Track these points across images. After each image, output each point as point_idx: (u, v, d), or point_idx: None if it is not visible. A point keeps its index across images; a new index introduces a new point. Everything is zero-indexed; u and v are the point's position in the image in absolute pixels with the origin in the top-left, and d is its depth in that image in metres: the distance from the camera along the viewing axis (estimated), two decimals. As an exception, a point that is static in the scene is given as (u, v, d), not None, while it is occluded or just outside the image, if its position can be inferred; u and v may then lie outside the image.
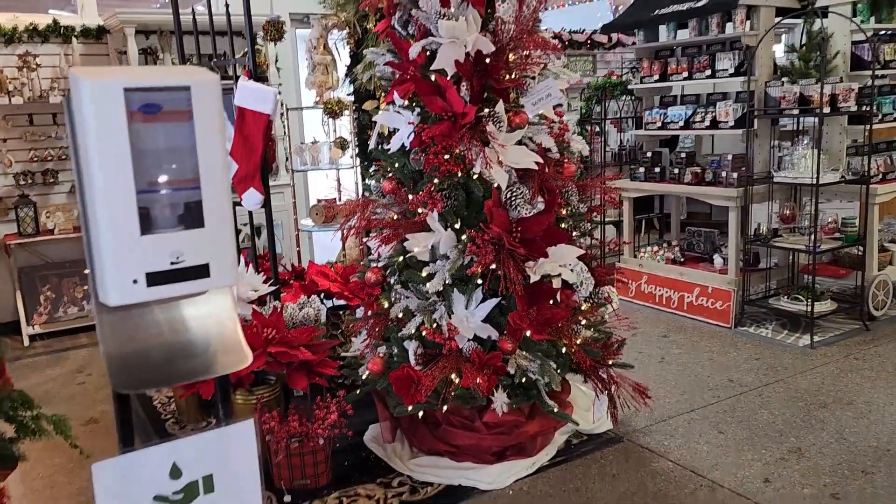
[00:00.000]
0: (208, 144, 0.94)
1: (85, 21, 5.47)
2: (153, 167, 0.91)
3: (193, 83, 0.93)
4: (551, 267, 2.87)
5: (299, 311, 3.49)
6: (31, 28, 5.23)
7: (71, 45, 5.34)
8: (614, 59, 8.15)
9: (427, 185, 2.92)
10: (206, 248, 0.96)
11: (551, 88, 2.95)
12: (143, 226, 0.91)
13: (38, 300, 5.38)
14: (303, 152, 4.29)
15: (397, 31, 3.04)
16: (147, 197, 0.91)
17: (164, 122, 0.91)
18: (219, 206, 0.96)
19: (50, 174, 5.38)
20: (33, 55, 5.17)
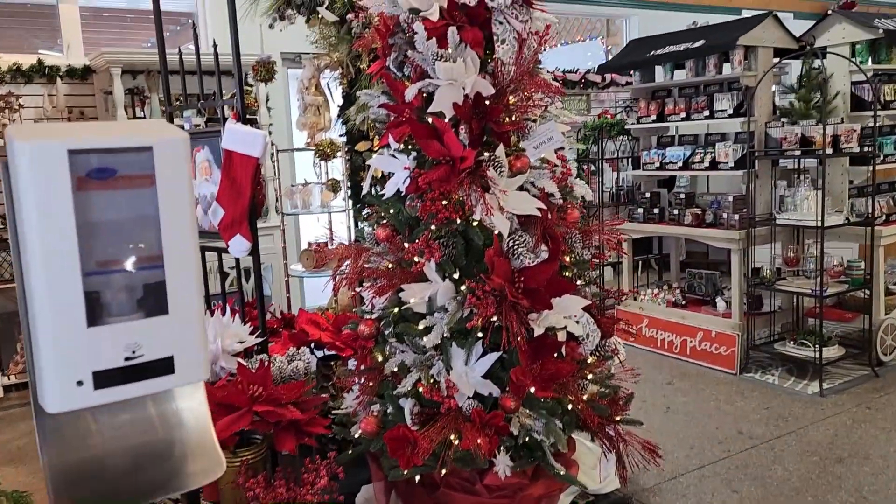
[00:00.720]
0: (174, 214, 0.78)
1: (71, 61, 5.36)
2: (105, 243, 0.75)
3: (157, 143, 0.77)
4: (556, 319, 2.70)
5: (288, 365, 3.30)
6: (15, 68, 5.10)
7: (55, 85, 5.21)
8: (608, 99, 8.11)
9: (424, 232, 2.76)
10: (170, 339, 0.79)
11: (553, 131, 2.82)
12: (90, 315, 0.74)
13: (14, 348, 5.16)
14: (293, 195, 4.14)
15: (392, 73, 2.91)
16: (97, 279, 0.75)
17: (120, 188, 0.75)
18: (186, 287, 0.80)
19: (31, 217, 5.20)
20: (16, 96, 5.03)
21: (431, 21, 2.73)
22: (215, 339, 3.25)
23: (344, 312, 3.93)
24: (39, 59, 5.19)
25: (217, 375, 3.31)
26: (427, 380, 2.70)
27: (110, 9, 5.98)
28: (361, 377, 2.95)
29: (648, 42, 5.64)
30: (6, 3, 5.44)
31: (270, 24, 3.89)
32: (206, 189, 3.51)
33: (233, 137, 3.24)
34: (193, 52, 3.57)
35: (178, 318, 0.80)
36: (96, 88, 5.38)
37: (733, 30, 4.89)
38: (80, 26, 5.55)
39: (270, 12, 3.87)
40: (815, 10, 9.74)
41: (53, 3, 5.44)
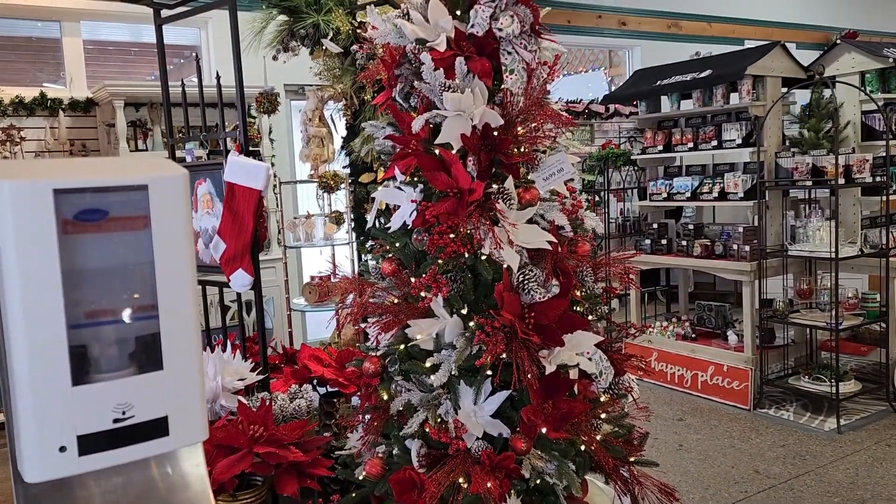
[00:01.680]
0: (171, 259, 0.70)
1: (74, 94, 5.34)
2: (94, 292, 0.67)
3: (153, 180, 0.69)
4: (568, 356, 2.61)
5: (290, 403, 3.20)
6: (17, 101, 5.08)
7: (58, 118, 5.18)
8: (612, 129, 8.09)
9: (431, 267, 2.68)
10: (165, 397, 0.71)
11: (563, 163, 2.75)
12: (76, 372, 0.66)
13: (11, 384, 5.06)
14: (296, 227, 4.07)
15: (398, 104, 2.86)
16: (84, 333, 0.66)
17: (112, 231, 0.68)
18: (183, 339, 0.71)
19: (30, 250, 5.13)
20: (17, 128, 5.00)
21: (439, 52, 2.68)
22: (215, 376, 3.15)
23: (347, 347, 3.84)
24: (42, 91, 5.17)
25: (217, 414, 3.21)
26: (434, 420, 2.60)
27: (114, 42, 5.98)
28: (366, 416, 2.85)
29: (654, 72, 5.62)
30: (11, 37, 5.44)
31: (274, 56, 3.86)
32: (208, 222, 3.45)
33: (235, 170, 3.19)
34: (196, 84, 3.54)
35: (173, 374, 0.71)
36: (99, 121, 5.35)
37: (741, 59, 4.87)
38: (84, 59, 5.54)
39: (274, 44, 3.84)
40: (818, 40, 9.78)
41: (57, 36, 5.44)
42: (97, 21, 5.60)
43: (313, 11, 3.84)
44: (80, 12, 5.41)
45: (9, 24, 5.41)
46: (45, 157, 5.14)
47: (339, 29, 3.93)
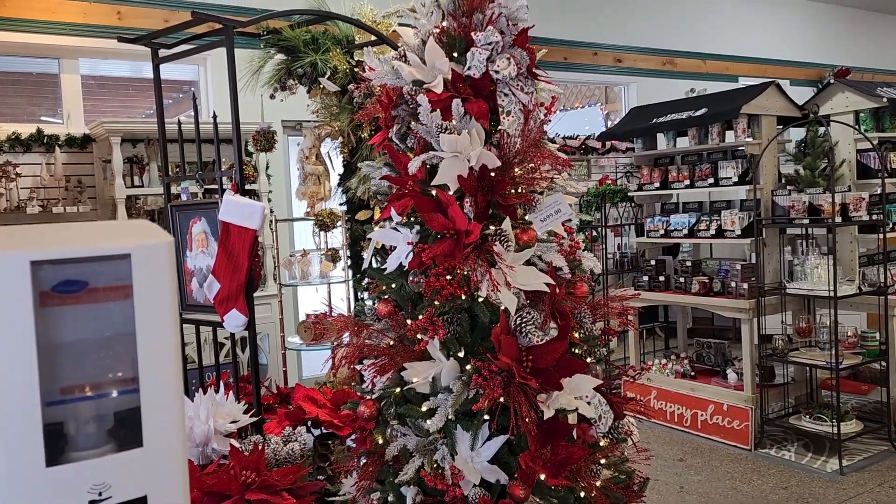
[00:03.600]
0: (153, 330, 0.67)
1: (71, 130, 5.34)
2: (71, 366, 0.63)
3: (135, 249, 0.66)
4: (567, 400, 2.56)
5: (283, 446, 3.14)
6: (14, 137, 5.07)
7: (54, 154, 5.17)
8: (608, 164, 8.12)
9: (427, 309, 2.65)
10: (145, 476, 0.67)
11: (560, 203, 2.74)
12: (50, 452, 0.62)
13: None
14: (292, 265, 4.04)
15: (395, 144, 2.86)
16: (60, 410, 0.63)
17: (91, 302, 0.65)
18: (164, 414, 0.68)
19: (23, 287, 5.08)
20: (13, 165, 4.99)
21: (435, 93, 2.69)
22: (207, 419, 3.10)
23: (342, 388, 3.78)
24: (39, 128, 5.17)
25: (209, 458, 3.14)
26: (430, 466, 2.54)
27: (113, 78, 6.00)
28: (361, 461, 2.79)
29: (650, 110, 5.65)
30: (9, 73, 5.46)
31: (272, 94, 3.87)
32: (203, 261, 3.42)
33: (230, 209, 3.17)
34: (202, 122, 3.53)
35: (154, 451, 0.68)
36: (95, 157, 5.35)
37: (736, 98, 4.90)
38: (82, 95, 5.56)
39: (272, 83, 3.85)
40: (811, 76, 9.88)
41: (56, 72, 5.46)
42: (96, 59, 5.62)
43: (311, 50, 3.86)
44: (79, 49, 5.44)
45: (7, 61, 5.43)
46: (40, 192, 5.12)
47: (336, 68, 3.95)
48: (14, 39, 5.15)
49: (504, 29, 2.75)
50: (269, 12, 3.45)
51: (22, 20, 5.13)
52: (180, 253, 3.54)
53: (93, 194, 5.35)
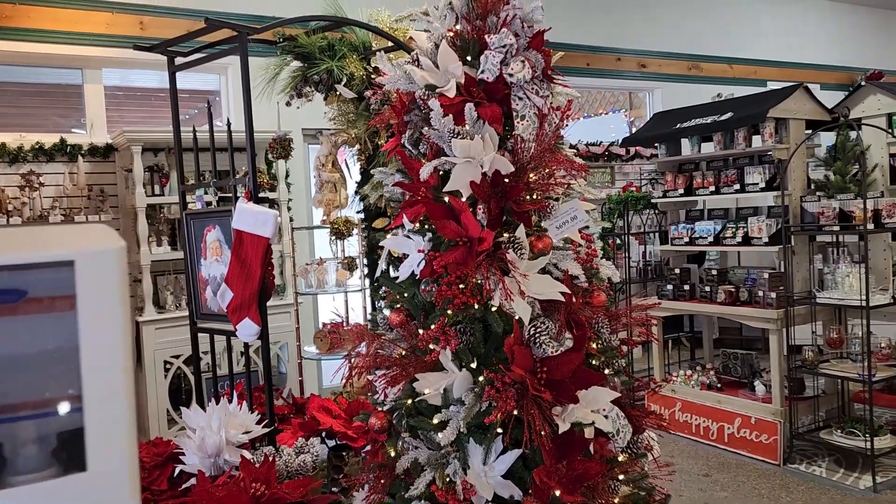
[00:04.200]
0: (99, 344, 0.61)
1: (94, 139, 5.38)
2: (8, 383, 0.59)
3: (80, 255, 0.61)
4: (583, 414, 2.48)
5: (296, 458, 3.09)
6: (37, 147, 5.12)
7: (77, 163, 5.21)
8: (632, 171, 8.00)
9: (440, 318, 2.58)
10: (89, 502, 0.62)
11: (577, 210, 2.66)
12: (-17, 476, 0.58)
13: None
14: (308, 273, 4.00)
15: (408, 150, 2.81)
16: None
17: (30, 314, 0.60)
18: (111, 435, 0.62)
19: (45, 295, 5.12)
20: (37, 174, 5.04)
21: (448, 98, 2.63)
22: (219, 429, 3.06)
23: (358, 398, 3.73)
24: (62, 137, 5.22)
25: (221, 469, 3.10)
26: (442, 480, 2.47)
27: (137, 88, 6.05)
28: (372, 475, 2.72)
29: (673, 115, 5.54)
30: (34, 84, 5.52)
31: (288, 101, 3.85)
32: (217, 270, 3.39)
33: (244, 217, 3.14)
34: (217, 129, 3.51)
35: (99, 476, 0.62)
36: (118, 166, 5.38)
37: (762, 102, 4.77)
38: (105, 105, 5.60)
39: (288, 90, 3.83)
40: (842, 80, 9.66)
41: (79, 83, 5.52)
42: (119, 69, 5.67)
43: (327, 57, 3.83)
44: (103, 60, 5.49)
45: (32, 72, 5.50)
46: (63, 201, 5.17)
47: (352, 74, 3.91)
48: (38, 50, 5.20)
49: (518, 31, 2.69)
50: (283, 19, 3.42)
51: (46, 31, 5.19)
52: (195, 262, 3.52)
53: (115, 203, 5.39)
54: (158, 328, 4.99)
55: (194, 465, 3.03)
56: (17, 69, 5.44)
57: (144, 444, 3.39)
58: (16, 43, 5.11)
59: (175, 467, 3.14)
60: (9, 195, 4.96)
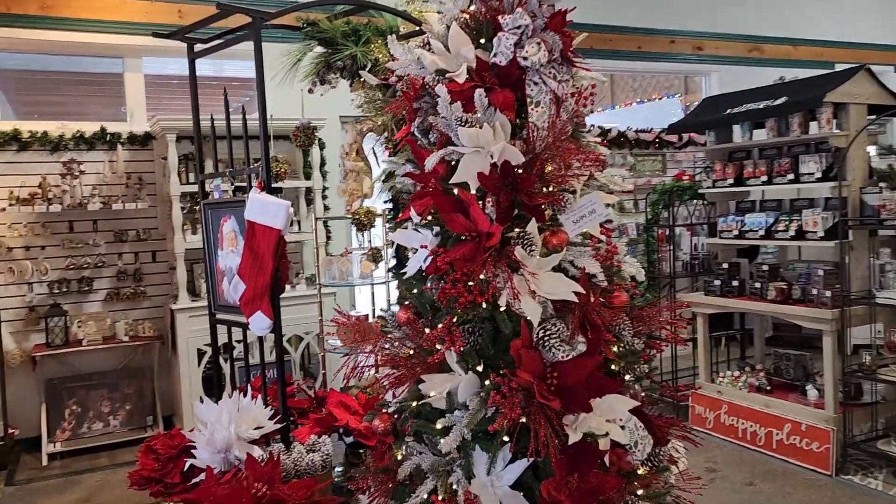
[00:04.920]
0: None
1: (133, 128, 5.42)
2: None
3: None
4: (596, 423, 2.30)
5: (305, 456, 3.01)
6: (78, 136, 5.19)
7: (116, 151, 5.26)
8: (686, 159, 7.65)
9: (447, 317, 2.44)
10: None
11: (595, 204, 2.47)
12: None
13: (62, 414, 5.11)
14: (331, 265, 3.92)
15: (417, 139, 2.66)
16: None
17: None
18: None
19: (85, 282, 5.20)
20: (77, 162, 5.10)
21: (457, 83, 2.47)
22: (229, 424, 3.00)
23: (377, 395, 3.62)
24: (102, 126, 5.27)
25: (231, 464, 3.04)
26: (446, 490, 2.34)
27: (177, 77, 6.07)
28: (376, 478, 2.61)
29: (724, 100, 5.22)
30: (76, 73, 5.60)
31: (310, 88, 3.75)
32: (233, 261, 3.33)
33: (255, 207, 3.06)
34: (252, 118, 3.41)
35: None
36: (155, 154, 5.41)
37: (820, 85, 4.43)
38: (146, 94, 5.63)
39: (310, 76, 3.73)
40: (917, 63, 9.02)
41: (120, 72, 5.56)
42: (159, 57, 5.68)
43: (351, 42, 3.71)
44: (142, 48, 5.52)
45: (74, 61, 5.57)
46: (102, 189, 5.22)
47: (377, 60, 3.79)
48: (79, 39, 5.26)
49: (535, 11, 2.50)
50: (296, 3, 3.32)
51: (86, 20, 5.24)
52: (212, 252, 3.47)
53: (153, 191, 5.42)
54: (192, 316, 5.00)
55: (204, 460, 2.98)
56: (58, 58, 5.53)
57: (161, 436, 3.37)
58: (56, 32, 5.18)
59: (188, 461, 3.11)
60: (50, 183, 5.04)
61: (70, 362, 5.21)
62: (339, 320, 2.67)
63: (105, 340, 5.11)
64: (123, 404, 5.26)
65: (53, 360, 5.15)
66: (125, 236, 5.31)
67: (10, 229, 4.97)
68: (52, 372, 5.14)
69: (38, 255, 5.08)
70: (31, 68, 5.74)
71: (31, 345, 5.07)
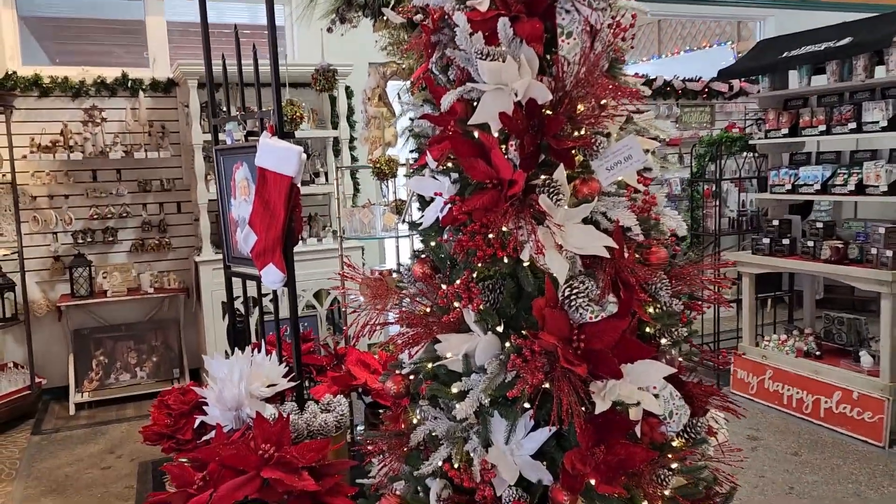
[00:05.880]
0: None
1: (155, 74, 5.26)
2: None
3: None
4: (627, 391, 2.09)
5: (320, 416, 2.87)
6: (99, 81, 5.05)
7: (138, 98, 5.11)
8: (736, 110, 7.22)
9: (465, 272, 2.24)
10: None
11: (632, 149, 2.21)
12: None
13: (90, 365, 5.09)
14: (353, 217, 3.73)
15: (436, 77, 2.42)
16: None
17: None
18: None
19: (110, 232, 5.12)
20: (99, 109, 4.97)
21: (478, 11, 2.22)
22: (240, 381, 2.87)
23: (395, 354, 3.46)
24: (124, 72, 5.12)
25: (243, 422, 2.92)
26: (459, 457, 2.17)
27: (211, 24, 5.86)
28: (388, 442, 2.45)
29: (781, 42, 4.82)
30: (97, 18, 5.44)
31: (329, 28, 3.51)
32: (245, 210, 3.16)
33: (266, 153, 2.87)
34: (284, 63, 3.20)
35: None
36: (178, 101, 5.25)
37: (888, 24, 4.02)
38: (168, 40, 5.45)
39: (329, 15, 3.49)
40: None
41: (142, 17, 5.38)
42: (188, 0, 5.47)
43: (372, -23, 3.45)
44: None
45: (96, 6, 5.41)
46: (125, 138, 5.10)
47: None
48: (99, -18, 5.08)
49: (569, -71, 2.22)
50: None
51: (105, -39, 5.05)
52: (225, 201, 3.30)
53: (176, 140, 5.28)
54: (216, 268, 4.88)
55: (215, 418, 2.86)
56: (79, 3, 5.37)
57: (175, 390, 3.27)
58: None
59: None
60: (71, 130, 4.93)
61: (96, 313, 5.17)
62: (347, 274, 2.48)
63: (130, 292, 5.05)
64: (150, 356, 5.22)
65: (79, 311, 5.11)
66: (149, 186, 5.20)
67: (32, 177, 4.89)
68: (78, 322, 5.12)
69: (61, 205, 5.01)
70: (55, 14, 5.60)
71: (58, 295, 5.04)
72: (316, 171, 5.33)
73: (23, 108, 4.86)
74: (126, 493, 3.63)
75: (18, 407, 4.65)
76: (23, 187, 4.85)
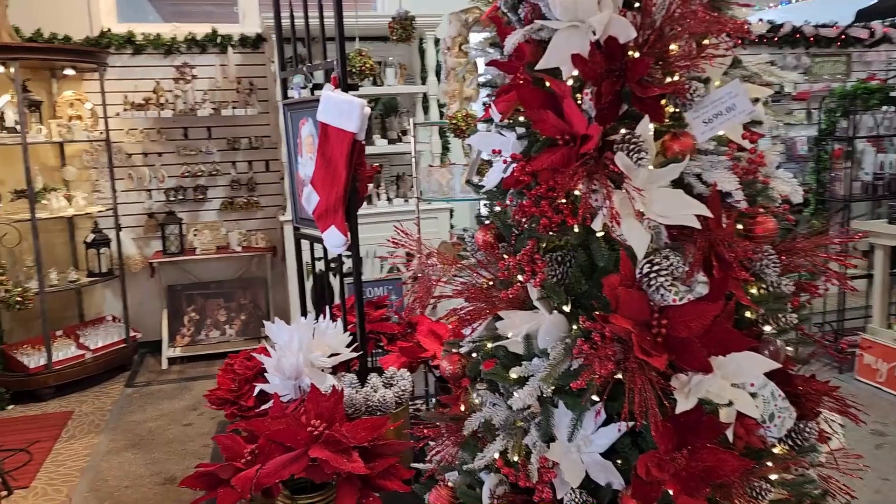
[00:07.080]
0: None
1: (244, 29, 5.18)
2: None
3: None
4: (717, 388, 1.75)
5: (380, 391, 2.69)
6: (190, 38, 5.02)
7: (228, 55, 5.05)
8: (877, 59, 6.38)
9: (529, 242, 1.96)
10: None
11: (736, 97, 1.84)
12: None
13: (182, 321, 5.18)
14: (430, 177, 3.49)
15: (505, 16, 2.11)
16: None
17: None
18: None
19: (200, 190, 5.14)
20: (190, 66, 4.95)
21: (553, -67, 1.88)
22: (298, 349, 2.72)
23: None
24: (213, 27, 5.07)
25: (304, 392, 2.79)
26: (517, 452, 1.92)
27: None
28: (448, 427, 2.23)
29: (937, -23, 4.11)
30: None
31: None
32: (311, 169, 2.98)
33: (328, 107, 2.67)
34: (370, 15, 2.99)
35: None
36: (266, 58, 5.16)
37: None
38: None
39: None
40: None
41: (232, -30, 5.29)
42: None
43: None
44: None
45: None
46: (215, 95, 5.07)
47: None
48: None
49: None
50: None
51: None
52: (293, 159, 3.14)
53: (265, 97, 5.21)
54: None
55: (275, 386, 2.74)
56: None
57: (240, 355, 3.19)
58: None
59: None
60: (163, 87, 4.94)
61: (188, 270, 5.24)
62: (397, 240, 2.25)
63: (218, 250, 5.07)
64: (239, 314, 5.26)
65: (172, 267, 5.19)
66: (238, 144, 5.17)
67: (127, 135, 4.96)
68: (172, 278, 5.20)
69: (155, 162, 5.06)
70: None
71: (152, 251, 5.13)
72: (404, 129, 5.12)
73: (117, 65, 4.91)
74: (202, 452, 3.63)
75: (115, 359, 4.79)
76: (118, 145, 4.92)
